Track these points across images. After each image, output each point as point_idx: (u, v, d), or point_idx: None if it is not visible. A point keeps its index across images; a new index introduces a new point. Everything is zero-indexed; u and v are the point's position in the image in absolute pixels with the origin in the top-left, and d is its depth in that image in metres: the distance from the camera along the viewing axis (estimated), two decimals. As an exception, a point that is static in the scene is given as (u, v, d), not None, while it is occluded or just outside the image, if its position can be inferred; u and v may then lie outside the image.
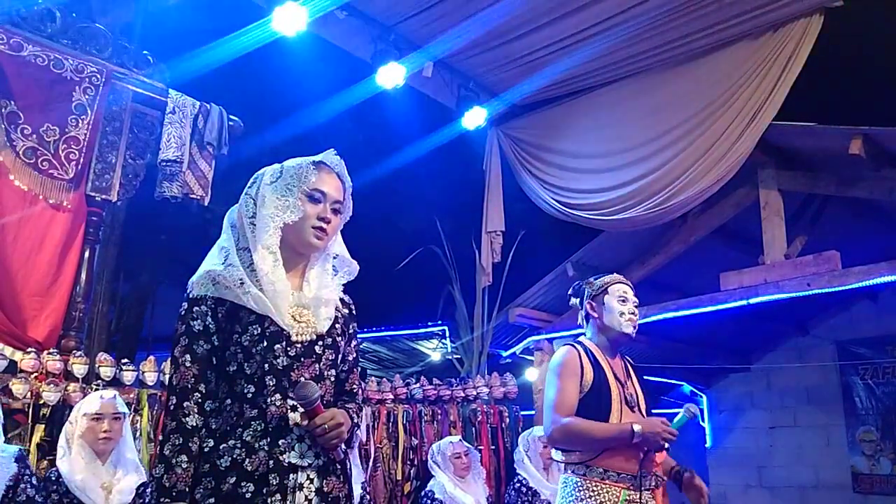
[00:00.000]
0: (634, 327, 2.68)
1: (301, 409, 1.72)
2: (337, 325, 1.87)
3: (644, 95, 5.31)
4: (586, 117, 5.63)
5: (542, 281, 6.38)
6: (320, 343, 1.81)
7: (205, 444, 1.70)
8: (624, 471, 2.44)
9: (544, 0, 4.72)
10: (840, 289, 4.86)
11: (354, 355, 1.97)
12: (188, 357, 1.73)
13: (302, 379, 1.74)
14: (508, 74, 5.62)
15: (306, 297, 1.83)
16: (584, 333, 2.77)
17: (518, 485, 4.57)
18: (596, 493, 2.42)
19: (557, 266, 6.25)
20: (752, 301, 5.14)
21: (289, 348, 1.76)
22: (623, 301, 2.68)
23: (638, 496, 2.42)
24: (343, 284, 1.95)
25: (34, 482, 2.80)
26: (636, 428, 2.38)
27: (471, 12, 4.83)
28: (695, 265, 5.99)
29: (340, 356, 1.89)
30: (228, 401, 1.74)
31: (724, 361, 8.09)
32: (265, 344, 1.73)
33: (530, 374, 6.84)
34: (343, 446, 1.79)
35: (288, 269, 1.83)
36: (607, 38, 5.00)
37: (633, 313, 2.68)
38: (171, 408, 1.70)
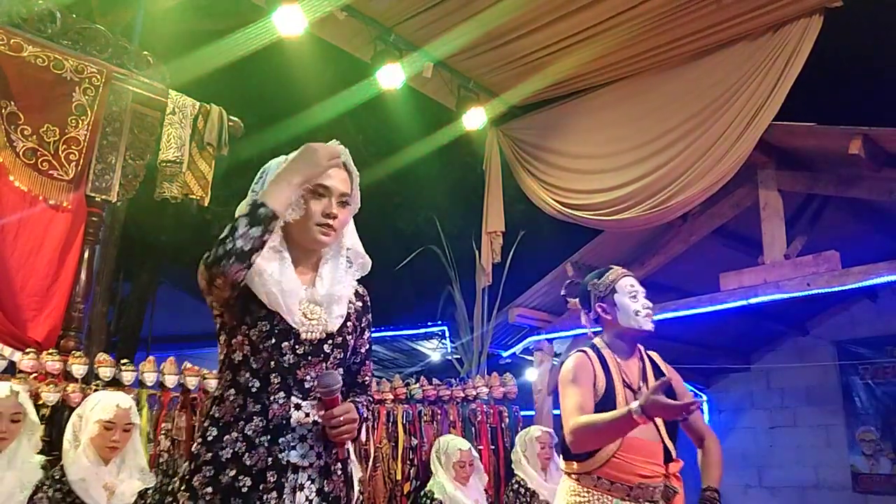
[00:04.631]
0: (653, 322, 2.53)
1: (319, 399, 1.72)
2: (349, 323, 1.85)
3: (644, 96, 5.31)
4: (586, 117, 5.63)
5: (542, 281, 6.37)
6: (329, 342, 1.79)
7: (208, 434, 1.70)
8: (619, 480, 2.37)
9: (544, 0, 4.72)
10: (840, 289, 4.86)
11: (367, 347, 1.95)
12: None
13: (308, 377, 1.74)
14: (508, 75, 5.62)
15: (318, 293, 1.80)
16: (585, 334, 2.68)
17: (516, 485, 4.56)
18: (586, 499, 2.37)
19: (557, 266, 6.25)
20: (752, 301, 5.13)
21: (297, 346, 1.74)
22: (634, 297, 2.53)
23: None
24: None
25: (50, 494, 2.83)
26: (633, 406, 2.14)
27: (471, 13, 4.83)
28: (695, 265, 5.99)
29: (352, 349, 1.87)
30: (232, 391, 1.72)
31: (724, 361, 8.10)
32: (273, 341, 1.72)
33: (530, 374, 6.84)
34: (349, 444, 1.78)
35: (299, 264, 1.81)
36: (607, 38, 5.00)
37: (647, 307, 2.53)
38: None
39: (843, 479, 7.66)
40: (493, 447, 4.90)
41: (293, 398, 1.72)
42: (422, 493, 4.30)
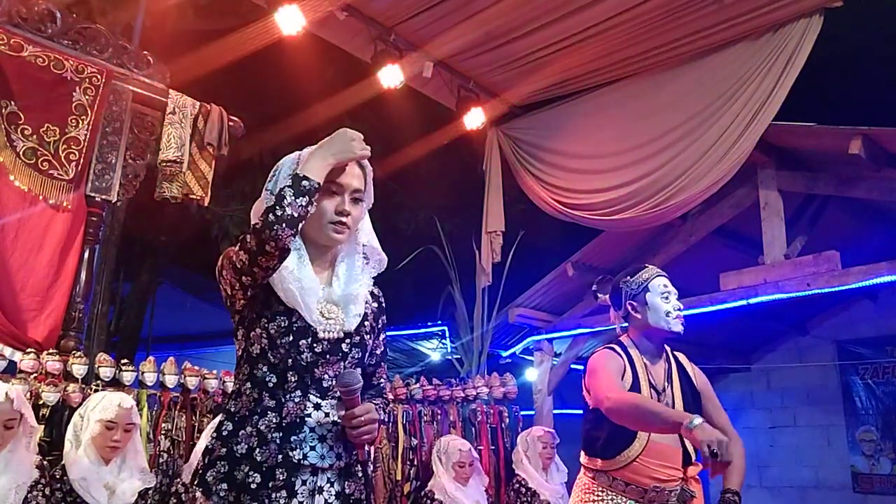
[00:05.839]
0: (683, 324, 2.50)
1: (339, 399, 1.71)
2: (366, 323, 1.83)
3: (644, 96, 5.31)
4: (586, 118, 5.62)
5: (542, 281, 6.37)
6: (347, 341, 1.78)
7: (223, 428, 1.70)
8: (634, 483, 2.38)
9: (544, 0, 4.72)
10: (840, 289, 4.86)
11: (382, 349, 1.94)
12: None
13: (326, 376, 1.73)
14: (508, 74, 5.61)
15: (336, 293, 1.79)
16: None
17: (517, 485, 4.57)
18: (600, 498, 2.37)
19: (557, 266, 6.24)
20: (752, 301, 5.13)
21: (315, 345, 1.72)
22: (666, 297, 2.48)
23: None
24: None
25: (47, 492, 2.84)
26: (691, 420, 2.08)
27: (471, 13, 4.83)
28: (695, 265, 5.99)
29: (368, 352, 1.86)
30: (248, 384, 1.72)
31: (724, 361, 8.09)
32: (291, 338, 1.70)
33: (530, 374, 6.84)
34: (368, 446, 1.77)
35: (315, 262, 1.80)
36: (607, 38, 5.00)
37: (679, 309, 2.49)
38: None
39: (843, 479, 7.66)
40: (493, 447, 4.90)
41: (311, 397, 1.71)
42: (422, 493, 4.30)
